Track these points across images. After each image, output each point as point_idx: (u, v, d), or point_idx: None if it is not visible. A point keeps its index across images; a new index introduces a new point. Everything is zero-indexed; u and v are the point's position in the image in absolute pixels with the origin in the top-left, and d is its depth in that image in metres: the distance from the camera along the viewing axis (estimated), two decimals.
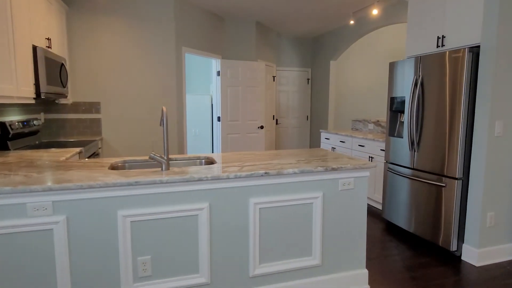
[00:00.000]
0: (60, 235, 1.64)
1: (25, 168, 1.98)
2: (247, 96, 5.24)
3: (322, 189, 2.09)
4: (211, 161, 2.39)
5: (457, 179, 2.64)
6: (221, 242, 1.93)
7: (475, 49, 2.56)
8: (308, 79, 6.79)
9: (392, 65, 3.30)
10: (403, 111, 3.23)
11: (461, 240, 2.71)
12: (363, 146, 4.11)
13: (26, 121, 3.10)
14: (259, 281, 2.02)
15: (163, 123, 1.92)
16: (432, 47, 3.00)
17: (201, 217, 1.86)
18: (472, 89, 2.59)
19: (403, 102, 3.17)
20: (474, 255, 2.60)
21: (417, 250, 2.89)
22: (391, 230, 3.36)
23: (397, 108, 3.27)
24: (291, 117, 6.80)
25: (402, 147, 3.18)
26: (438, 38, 2.92)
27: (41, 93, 2.75)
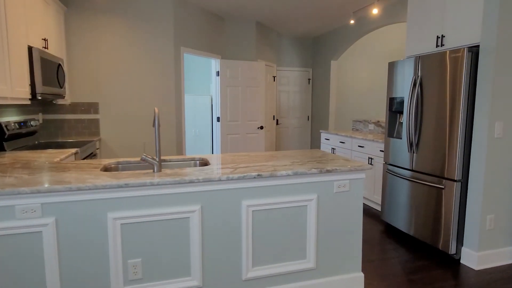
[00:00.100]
0: (49, 238, 1.63)
1: (18, 169, 1.97)
2: (246, 96, 5.21)
3: (316, 191, 2.06)
4: (205, 163, 2.37)
5: (456, 181, 2.60)
6: (214, 244, 1.90)
7: (475, 49, 2.51)
8: (309, 79, 6.75)
9: (391, 65, 3.25)
10: (402, 112, 3.18)
11: (460, 243, 2.66)
12: (362, 147, 4.07)
13: (23, 122, 3.10)
14: (252, 285, 1.99)
15: (155, 124, 1.91)
16: (431, 47, 2.95)
17: (193, 220, 1.84)
18: (471, 90, 2.54)
19: (402, 102, 3.13)
20: (473, 258, 2.56)
21: (416, 253, 2.85)
22: (390, 232, 3.31)
23: (396, 108, 3.22)
24: (292, 117, 6.76)
25: (401, 148, 3.13)
26: (437, 37, 2.87)
27: (37, 94, 2.74)
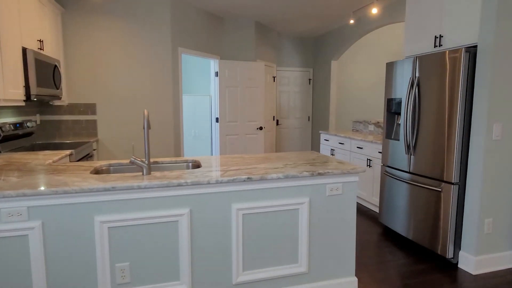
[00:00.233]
0: (35, 241, 1.62)
1: (8, 171, 1.96)
2: (246, 96, 5.19)
3: (308, 195, 2.03)
4: (198, 165, 2.35)
5: (453, 184, 2.55)
6: (203, 248, 1.88)
7: (473, 49, 2.46)
8: (309, 79, 6.71)
9: (389, 65, 3.21)
10: (400, 113, 3.14)
11: (458, 247, 2.61)
12: (361, 148, 4.02)
13: (19, 123, 3.11)
14: None
15: (144, 127, 1.89)
16: (429, 47, 2.90)
17: (182, 223, 1.82)
18: (469, 91, 2.49)
19: (400, 103, 3.08)
20: (471, 262, 2.51)
21: (414, 256, 2.81)
22: (388, 235, 3.27)
23: (394, 109, 3.18)
24: (292, 118, 6.72)
25: (398, 150, 3.09)
26: (435, 37, 2.83)
27: (31, 95, 2.74)
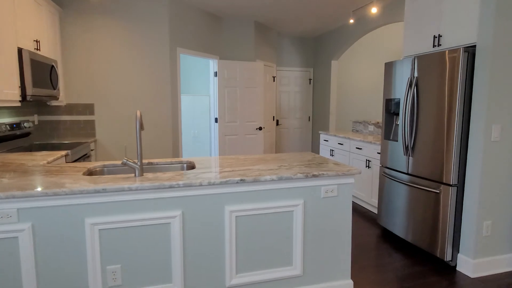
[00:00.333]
0: (25, 243, 1.61)
1: (1, 172, 1.95)
2: (245, 96, 5.17)
3: (303, 197, 2.00)
4: (192, 166, 2.33)
5: (452, 185, 2.51)
6: (196, 250, 1.86)
7: (471, 49, 2.43)
8: (310, 79, 6.67)
9: (388, 65, 3.17)
10: (399, 114, 3.10)
11: (456, 249, 2.58)
12: (360, 149, 3.99)
13: (15, 124, 3.10)
14: None
15: (136, 128, 1.87)
16: (428, 47, 2.87)
17: (174, 225, 1.80)
18: (467, 91, 2.46)
19: (398, 104, 3.05)
20: (469, 265, 2.47)
21: (412, 259, 2.78)
22: (386, 236, 3.24)
23: (392, 110, 3.14)
24: (292, 118, 6.69)
25: (397, 151, 3.05)
26: (434, 37, 2.79)
27: (27, 96, 2.73)
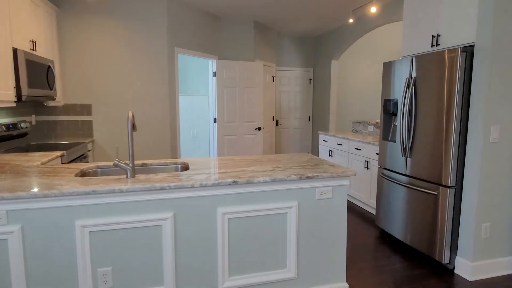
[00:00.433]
0: (15, 245, 1.59)
1: None
2: (244, 97, 5.14)
3: (297, 198, 1.98)
4: (187, 167, 2.31)
5: (449, 187, 2.48)
6: (188, 253, 1.84)
7: (470, 49, 2.39)
8: (310, 79, 6.64)
9: (386, 65, 3.14)
10: (397, 114, 3.07)
11: (454, 252, 2.54)
12: (359, 149, 3.96)
13: (12, 124, 3.10)
14: None
15: (128, 129, 1.85)
16: (427, 47, 2.83)
17: (165, 227, 1.78)
18: (466, 92, 2.42)
19: (396, 104, 3.01)
20: (467, 268, 2.44)
21: (410, 261, 2.74)
22: (385, 238, 3.20)
23: (391, 110, 3.11)
24: (292, 118, 6.66)
25: (395, 152, 3.02)
26: (432, 37, 2.75)
27: (22, 96, 2.72)
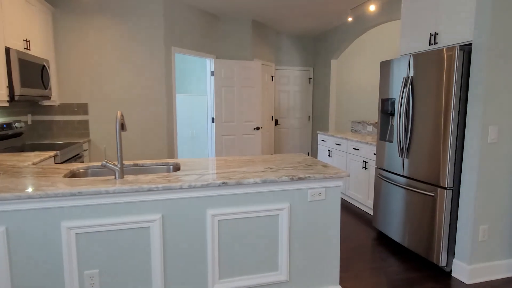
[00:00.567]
0: None
1: None
2: (242, 96, 5.11)
3: (288, 200, 1.94)
4: (178, 167, 2.28)
5: (447, 188, 2.43)
6: (177, 255, 1.81)
7: (467, 47, 2.34)
8: (309, 79, 6.59)
9: (383, 64, 3.09)
10: (394, 114, 3.02)
11: (451, 254, 2.50)
12: (357, 149, 3.91)
13: (6, 124, 3.08)
14: None
15: (116, 129, 1.82)
16: (424, 45, 2.78)
17: (153, 229, 1.75)
18: (463, 91, 2.37)
19: (394, 104, 2.97)
20: (464, 271, 2.39)
21: (406, 264, 2.70)
22: (382, 240, 3.16)
23: (388, 110, 3.06)
24: (292, 118, 6.62)
25: (392, 153, 2.97)
26: (430, 35, 2.70)
27: (15, 96, 2.70)
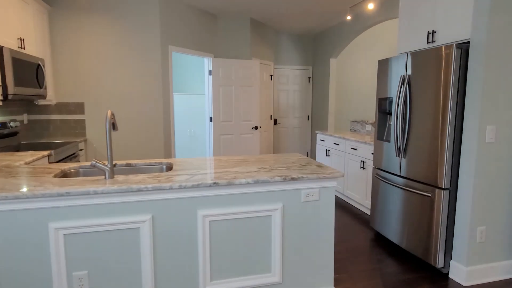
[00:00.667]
0: None
1: None
2: (240, 95, 5.08)
3: (281, 201, 1.91)
4: (171, 167, 2.25)
5: (444, 189, 2.39)
6: (167, 257, 1.79)
7: (465, 45, 2.30)
8: (309, 78, 6.55)
9: (381, 63, 3.05)
10: (392, 113, 2.98)
11: (449, 256, 2.46)
12: (355, 149, 3.87)
13: (1, 123, 3.06)
14: None
15: (106, 128, 1.80)
16: (422, 43, 2.74)
17: (143, 230, 1.72)
18: (461, 90, 2.33)
19: (392, 103, 2.93)
20: (462, 273, 2.35)
21: (403, 265, 2.66)
22: (379, 241, 3.12)
23: (385, 109, 3.03)
24: (291, 117, 6.58)
25: (389, 153, 2.94)
26: (428, 33, 2.67)
27: (9, 95, 2.69)
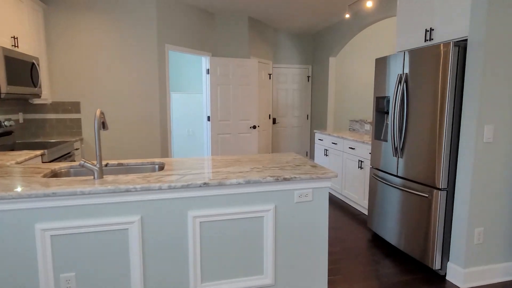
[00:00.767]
0: None
1: None
2: (238, 94, 5.04)
3: (274, 201, 1.88)
4: (163, 167, 2.22)
5: (441, 189, 2.35)
6: (157, 258, 1.75)
7: (463, 43, 2.26)
8: (308, 77, 6.51)
9: (378, 61, 3.01)
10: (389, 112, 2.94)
11: (446, 258, 2.42)
12: (353, 148, 3.83)
13: None
14: None
15: (95, 128, 1.77)
16: (420, 41, 2.70)
17: (132, 231, 1.69)
18: (458, 89, 2.29)
19: (389, 102, 2.89)
20: (459, 275, 2.31)
21: (400, 266, 2.62)
22: (376, 241, 3.08)
23: (383, 108, 2.99)
24: (290, 116, 6.54)
25: (387, 152, 2.90)
26: (426, 31, 2.62)
27: (1, 94, 2.66)
